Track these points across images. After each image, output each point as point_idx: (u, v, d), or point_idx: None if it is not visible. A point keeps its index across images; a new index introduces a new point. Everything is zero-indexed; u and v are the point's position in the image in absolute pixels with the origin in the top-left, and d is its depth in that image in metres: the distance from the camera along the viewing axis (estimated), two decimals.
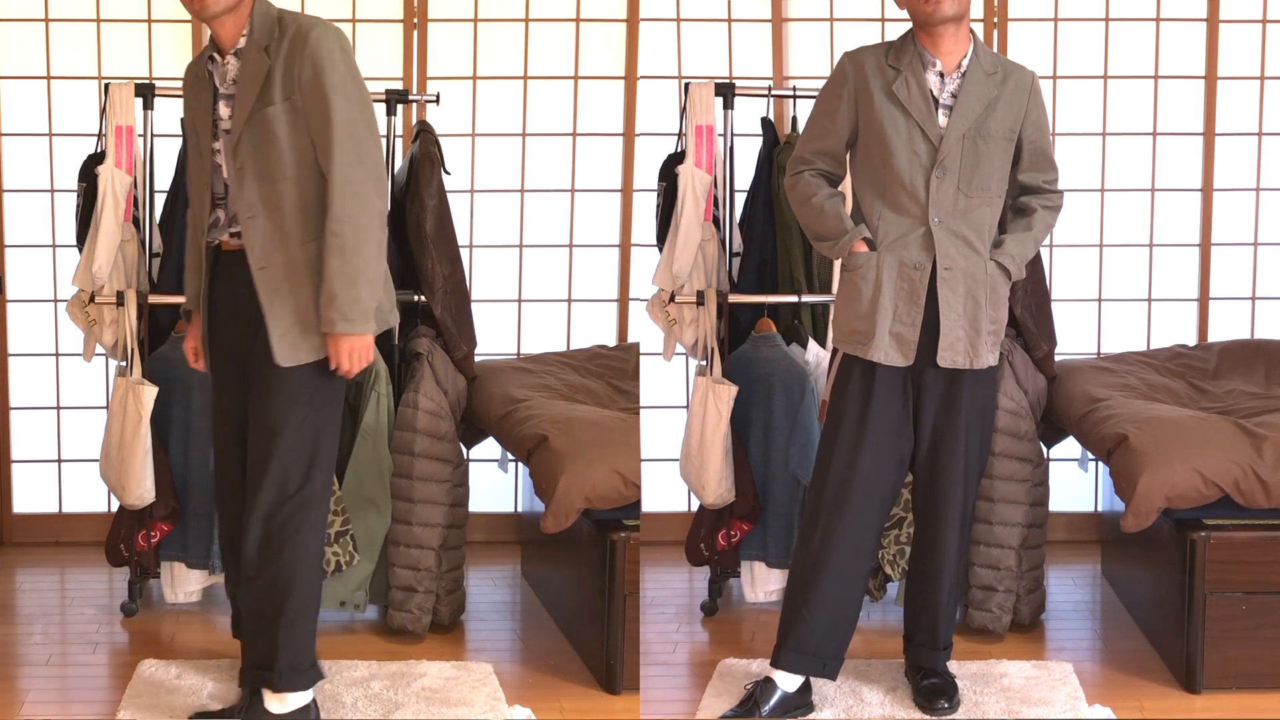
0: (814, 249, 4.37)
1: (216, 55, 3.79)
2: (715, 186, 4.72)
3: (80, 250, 4.64)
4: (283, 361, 3.75)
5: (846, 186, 4.13)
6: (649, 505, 5.21)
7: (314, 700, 3.95)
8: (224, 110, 3.76)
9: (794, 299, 4.77)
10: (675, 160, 4.75)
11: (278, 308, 3.74)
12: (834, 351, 4.10)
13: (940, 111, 3.94)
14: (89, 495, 5.48)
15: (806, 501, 4.18)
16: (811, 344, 4.76)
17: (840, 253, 4.01)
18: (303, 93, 3.67)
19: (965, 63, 3.96)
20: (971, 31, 4.00)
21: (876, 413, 3.98)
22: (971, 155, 3.94)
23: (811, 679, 4.10)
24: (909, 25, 3.99)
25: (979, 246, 3.97)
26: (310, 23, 3.72)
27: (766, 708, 4.03)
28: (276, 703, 3.90)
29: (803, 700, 4.08)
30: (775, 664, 4.06)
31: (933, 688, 4.12)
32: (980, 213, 3.97)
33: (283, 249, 3.74)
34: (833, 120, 4.02)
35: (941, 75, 3.95)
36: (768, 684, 4.06)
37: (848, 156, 4.07)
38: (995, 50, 4.12)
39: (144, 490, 4.58)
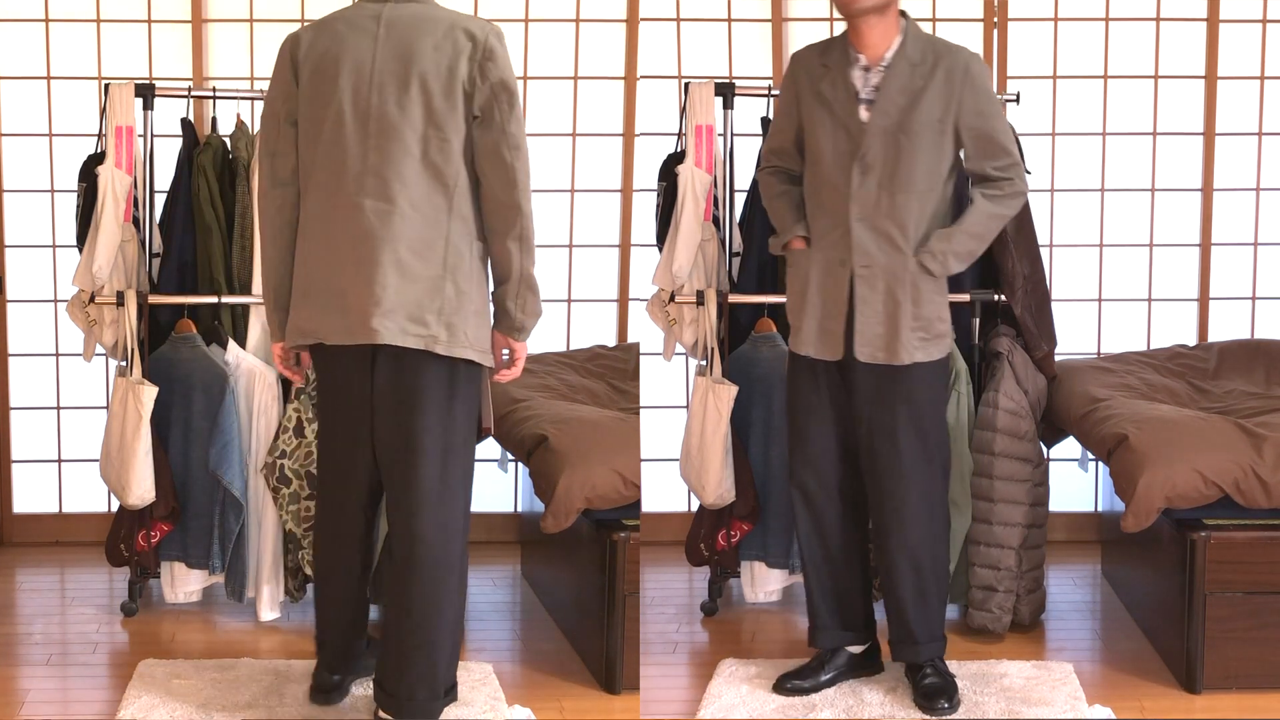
0: None
1: None
2: (715, 186, 4.72)
3: (80, 250, 4.64)
4: None
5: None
6: (649, 505, 5.21)
7: None
8: None
9: None
10: (675, 160, 4.75)
11: None
12: None
13: (862, 106, 3.95)
14: (89, 495, 5.49)
15: None
16: None
17: (776, 250, 4.16)
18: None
19: (890, 54, 3.93)
20: (904, 20, 3.96)
21: (813, 405, 4.11)
22: (893, 150, 3.92)
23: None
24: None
25: (902, 244, 3.95)
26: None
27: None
28: None
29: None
30: (811, 643, 4.26)
31: (932, 688, 4.13)
32: (906, 209, 3.94)
33: None
34: (784, 119, 4.14)
35: (866, 69, 3.95)
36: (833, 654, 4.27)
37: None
38: (929, 37, 3.99)
39: (144, 490, 4.58)
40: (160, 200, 4.81)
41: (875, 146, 3.92)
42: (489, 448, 5.12)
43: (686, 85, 4.76)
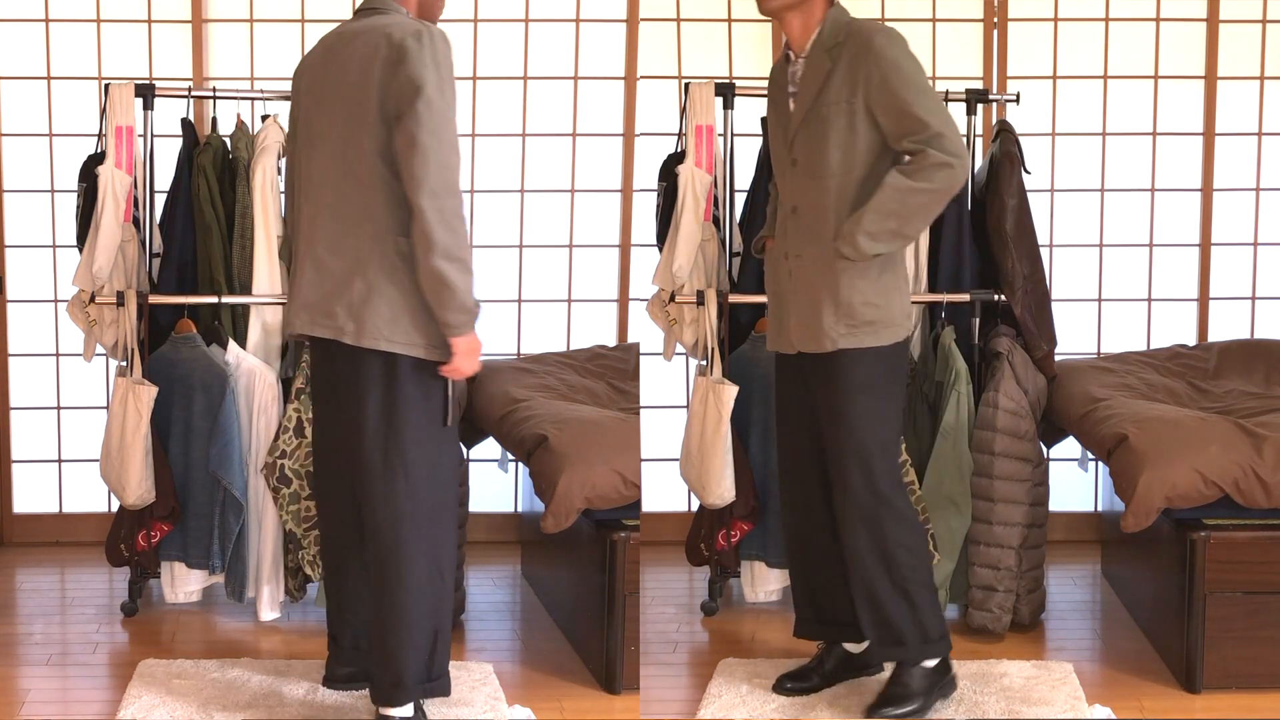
0: None
1: None
2: (715, 186, 4.72)
3: (80, 250, 4.64)
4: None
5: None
6: (649, 505, 5.21)
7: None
8: None
9: None
10: (675, 160, 4.75)
11: None
12: None
13: (791, 100, 3.97)
14: (89, 495, 5.49)
15: None
16: None
17: (756, 252, 4.24)
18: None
19: (810, 44, 3.93)
20: (832, 8, 3.92)
21: (784, 401, 4.15)
22: (809, 138, 3.92)
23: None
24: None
25: (823, 231, 3.92)
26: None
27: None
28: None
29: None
30: (797, 634, 4.29)
31: (885, 696, 4.08)
32: (824, 195, 3.89)
33: None
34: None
35: (791, 61, 3.97)
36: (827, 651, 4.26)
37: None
38: (863, 24, 3.90)
39: (144, 490, 4.58)
40: (160, 200, 4.81)
41: (800, 137, 3.93)
42: (489, 447, 5.12)
43: (686, 85, 4.76)
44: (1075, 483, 5.48)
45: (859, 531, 3.98)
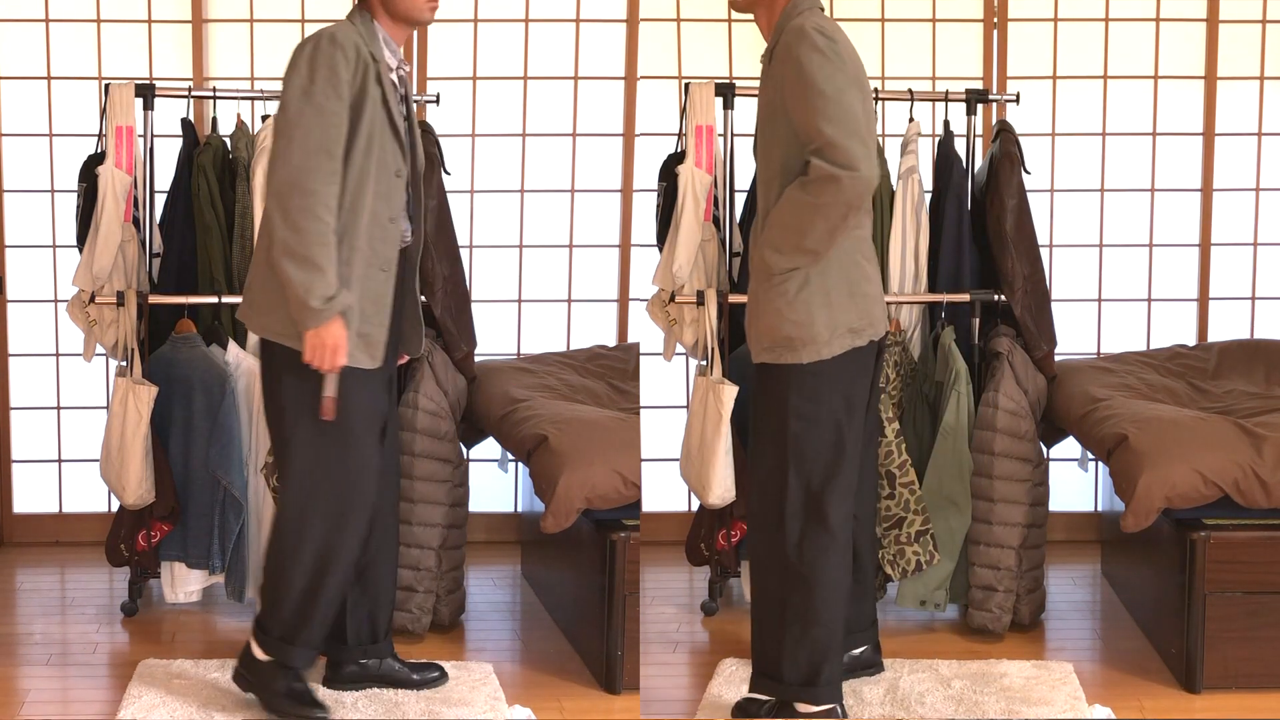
0: None
1: (392, 53, 3.94)
2: (715, 187, 4.72)
3: (80, 250, 4.64)
4: (418, 352, 4.21)
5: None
6: (649, 505, 5.21)
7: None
8: (400, 106, 3.97)
9: None
10: (675, 160, 4.75)
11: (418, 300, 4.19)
12: None
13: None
14: (89, 495, 5.48)
15: None
16: None
17: None
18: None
19: (770, 48, 3.87)
20: (788, 8, 3.81)
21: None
22: (761, 140, 3.86)
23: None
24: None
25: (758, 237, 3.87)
26: None
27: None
28: None
29: None
30: None
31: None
32: (768, 201, 3.82)
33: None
34: None
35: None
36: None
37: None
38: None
39: (144, 490, 4.58)
40: (160, 200, 4.81)
41: (758, 139, 3.90)
42: (489, 447, 5.12)
43: (686, 85, 4.75)
44: (1075, 483, 5.48)
45: (756, 550, 3.93)
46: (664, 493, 5.49)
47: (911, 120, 4.78)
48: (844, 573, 3.90)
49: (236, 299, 4.69)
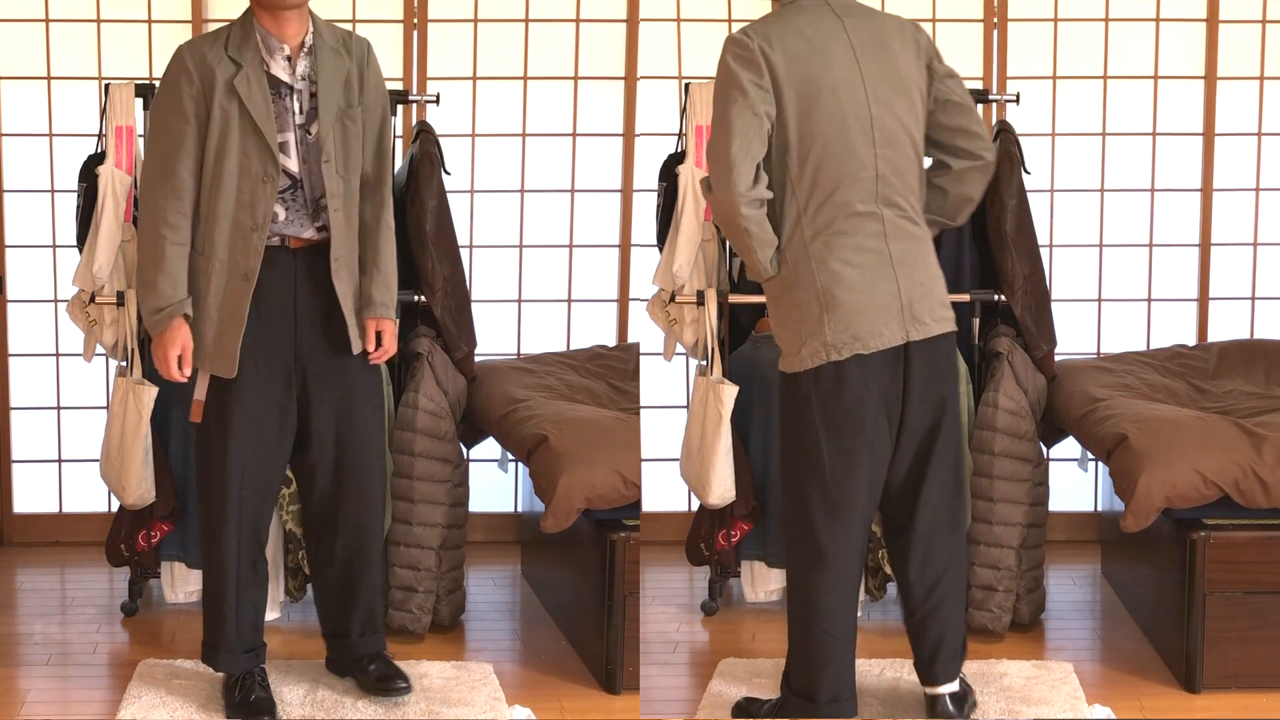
0: None
1: (266, 49, 3.90)
2: None
3: (80, 250, 4.64)
4: (357, 349, 4.03)
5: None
6: (649, 505, 5.21)
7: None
8: (296, 104, 3.91)
9: None
10: (675, 160, 4.75)
11: (349, 297, 4.00)
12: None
13: None
14: (89, 495, 5.48)
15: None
16: None
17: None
18: (368, 99, 4.00)
19: None
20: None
21: None
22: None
23: None
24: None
25: None
26: (360, 36, 4.06)
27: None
28: None
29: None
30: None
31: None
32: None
33: (349, 240, 4.00)
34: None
35: None
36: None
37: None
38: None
39: (144, 490, 4.57)
40: None
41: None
42: (489, 447, 5.12)
43: (686, 85, 4.76)
44: (1075, 483, 5.48)
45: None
46: (664, 493, 5.49)
47: None
48: (839, 595, 3.83)
49: None
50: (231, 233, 3.89)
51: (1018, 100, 4.93)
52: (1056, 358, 4.78)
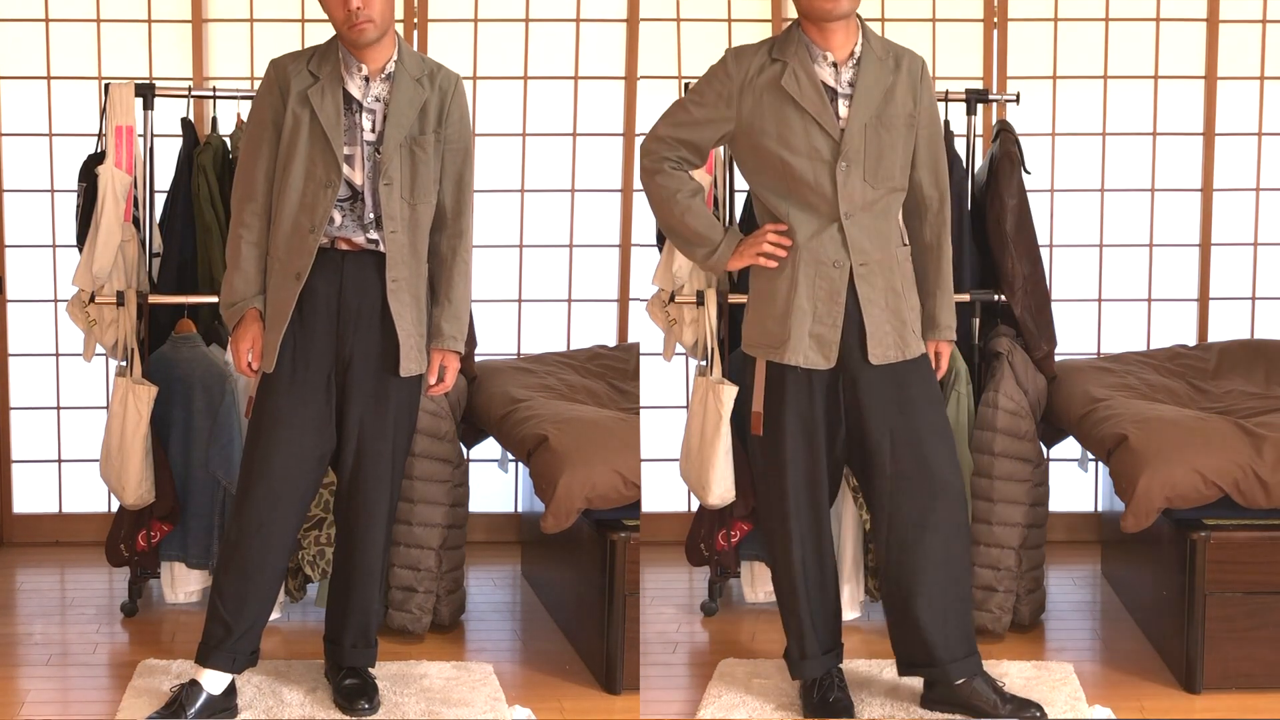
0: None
1: (345, 68, 3.99)
2: (714, 186, 4.72)
3: (80, 250, 4.64)
4: (406, 372, 4.02)
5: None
6: (649, 505, 5.21)
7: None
8: (366, 121, 3.96)
9: None
10: None
11: (407, 320, 3.99)
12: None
13: (841, 101, 3.89)
14: (89, 495, 5.48)
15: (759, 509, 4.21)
16: None
17: (720, 265, 4.02)
18: (449, 132, 4.03)
19: (858, 50, 3.89)
20: (859, 19, 3.91)
21: (810, 418, 3.99)
22: (875, 144, 3.88)
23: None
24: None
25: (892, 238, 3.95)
26: (451, 70, 4.08)
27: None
28: None
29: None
30: (798, 675, 4.13)
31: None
32: (890, 203, 3.94)
33: (411, 264, 4.00)
34: (706, 113, 3.98)
35: (835, 66, 3.89)
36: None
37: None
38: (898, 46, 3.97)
39: (144, 490, 4.58)
40: (160, 200, 4.81)
41: (856, 141, 3.87)
42: (489, 447, 5.12)
43: (686, 85, 4.75)
44: (1075, 483, 5.48)
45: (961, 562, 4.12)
46: (664, 493, 5.49)
47: None
48: (805, 590, 4.08)
49: None
50: (291, 233, 3.95)
51: (1018, 100, 4.93)
52: (1057, 358, 4.78)
